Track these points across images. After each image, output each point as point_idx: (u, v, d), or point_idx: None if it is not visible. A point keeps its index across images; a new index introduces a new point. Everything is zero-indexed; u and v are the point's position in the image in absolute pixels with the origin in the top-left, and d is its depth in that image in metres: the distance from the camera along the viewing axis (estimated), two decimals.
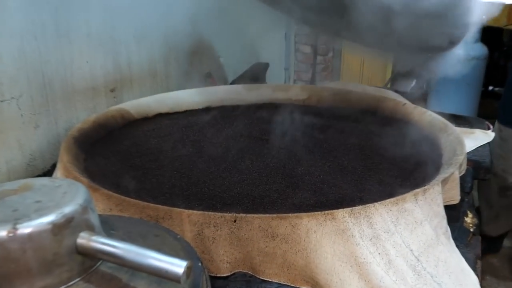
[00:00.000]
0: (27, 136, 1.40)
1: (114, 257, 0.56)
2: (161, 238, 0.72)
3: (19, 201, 0.58)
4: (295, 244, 0.87)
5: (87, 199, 0.60)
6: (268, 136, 1.48)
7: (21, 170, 1.39)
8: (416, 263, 0.88)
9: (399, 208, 0.91)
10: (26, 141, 1.40)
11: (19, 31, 1.32)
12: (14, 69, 1.32)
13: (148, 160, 1.29)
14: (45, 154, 1.48)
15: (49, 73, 1.45)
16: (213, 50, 2.59)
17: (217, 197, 1.07)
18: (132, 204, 0.92)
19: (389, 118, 1.64)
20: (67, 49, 1.52)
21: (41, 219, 0.54)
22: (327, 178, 1.17)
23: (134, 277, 0.60)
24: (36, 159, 1.45)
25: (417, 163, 1.26)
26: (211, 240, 0.89)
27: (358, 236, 0.86)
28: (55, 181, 0.64)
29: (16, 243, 0.52)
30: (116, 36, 1.75)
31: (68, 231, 0.56)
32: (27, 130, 1.40)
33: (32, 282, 0.54)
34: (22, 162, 1.40)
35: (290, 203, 1.04)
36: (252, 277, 0.91)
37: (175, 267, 0.53)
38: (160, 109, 1.72)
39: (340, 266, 0.86)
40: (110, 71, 1.75)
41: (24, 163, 1.40)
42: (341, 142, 1.41)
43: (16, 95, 1.34)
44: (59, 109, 1.52)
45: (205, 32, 2.46)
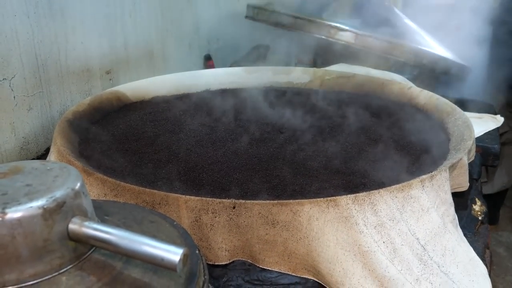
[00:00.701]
0: (20, 119, 1.39)
1: (107, 244, 0.55)
2: (157, 224, 0.71)
3: (8, 184, 0.57)
4: (297, 231, 0.86)
5: (80, 183, 0.58)
6: (268, 120, 1.46)
7: (14, 154, 1.38)
8: (422, 252, 0.87)
9: (405, 194, 0.90)
10: (19, 124, 1.38)
11: (10, 9, 1.30)
12: (6, 49, 1.30)
13: (144, 144, 1.28)
14: (39, 137, 1.47)
15: (42, 53, 1.43)
16: (212, 32, 2.57)
17: (216, 183, 1.06)
18: (127, 189, 0.91)
19: (394, 102, 1.62)
20: (61, 28, 1.50)
21: (31, 203, 0.52)
22: (329, 164, 1.16)
23: (129, 265, 0.59)
24: (29, 142, 1.43)
25: (423, 148, 1.24)
26: (209, 227, 0.88)
27: (362, 223, 0.85)
28: (46, 164, 0.63)
29: (4, 228, 0.51)
30: (112, 15, 1.73)
31: (60, 216, 0.54)
32: (20, 112, 1.38)
33: (21, 269, 0.53)
34: (15, 145, 1.38)
35: (291, 189, 1.03)
36: (251, 265, 0.90)
37: (172, 254, 0.52)
38: (158, 92, 1.71)
39: (343, 255, 0.85)
40: (106, 52, 1.74)
41: (18, 146, 1.39)
42: (344, 126, 1.40)
43: (8, 76, 1.32)
44: (53, 91, 1.50)
45: (204, 14, 2.44)
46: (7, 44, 1.30)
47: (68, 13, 1.52)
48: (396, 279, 0.82)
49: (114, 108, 1.54)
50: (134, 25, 1.87)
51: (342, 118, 1.45)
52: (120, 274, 0.57)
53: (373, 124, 1.43)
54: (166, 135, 1.34)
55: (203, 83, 1.82)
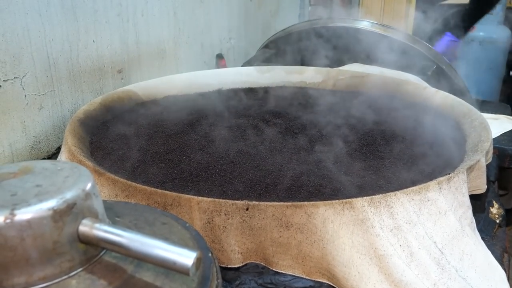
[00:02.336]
0: (31, 118, 1.38)
1: (118, 247, 0.53)
2: (169, 226, 0.70)
3: (18, 185, 0.56)
4: (311, 234, 0.85)
5: (91, 184, 0.57)
6: (282, 120, 1.45)
7: (25, 153, 1.38)
8: (440, 256, 0.85)
9: (422, 197, 0.88)
10: (30, 123, 1.38)
11: (22, 7, 1.29)
12: (17, 48, 1.30)
13: (156, 144, 1.27)
14: (50, 136, 1.46)
15: (54, 52, 1.43)
16: (224, 31, 2.57)
17: (228, 184, 1.05)
18: (139, 189, 0.90)
19: (409, 102, 1.60)
20: (73, 27, 1.49)
21: (41, 204, 0.51)
22: (344, 165, 1.14)
23: (140, 268, 0.57)
24: (40, 142, 1.43)
25: (440, 149, 1.22)
26: (222, 229, 0.86)
27: (378, 226, 0.83)
28: (57, 164, 0.61)
29: (13, 230, 0.50)
30: (124, 13, 1.72)
31: (70, 217, 0.53)
32: (31, 111, 1.38)
33: (31, 272, 0.52)
34: (26, 144, 1.38)
35: (305, 190, 1.02)
36: (264, 268, 0.89)
37: (184, 258, 0.51)
38: (169, 91, 1.70)
39: (358, 259, 0.83)
40: (118, 51, 1.73)
41: (28, 145, 1.39)
42: (359, 127, 1.38)
43: (20, 75, 1.32)
44: (64, 90, 1.50)
45: (216, 13, 2.44)
46: (19, 42, 1.30)
47: (80, 12, 1.51)
48: (413, 283, 0.80)
49: (126, 107, 1.53)
50: (146, 24, 1.86)
51: (357, 118, 1.44)
52: (131, 278, 0.56)
53: (388, 124, 1.41)
54: (178, 135, 1.33)
55: (215, 83, 1.81)
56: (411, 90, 1.66)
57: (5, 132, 1.30)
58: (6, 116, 1.29)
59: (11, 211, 0.50)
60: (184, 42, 2.17)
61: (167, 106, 1.59)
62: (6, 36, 1.25)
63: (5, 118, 1.29)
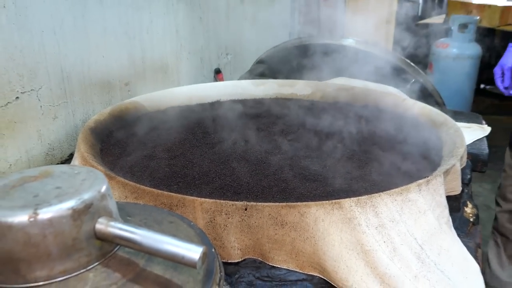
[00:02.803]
0: (46, 127, 1.38)
1: (131, 243, 0.54)
2: (175, 224, 0.70)
3: (39, 187, 0.56)
4: (304, 232, 0.85)
5: (106, 186, 0.58)
6: (275, 129, 1.46)
7: (40, 159, 1.38)
8: (420, 251, 0.86)
9: (403, 198, 0.89)
10: (45, 132, 1.38)
11: (39, 26, 1.29)
12: (34, 62, 1.30)
13: (161, 151, 1.27)
14: (63, 144, 1.46)
15: (67, 66, 1.43)
16: (221, 47, 2.57)
17: (228, 187, 1.05)
18: (146, 192, 0.91)
19: (390, 113, 1.61)
20: (84, 43, 1.49)
21: (61, 204, 0.52)
22: (333, 170, 1.15)
23: (151, 262, 0.58)
24: (54, 149, 1.43)
25: (419, 155, 1.23)
26: (223, 228, 0.87)
27: (364, 224, 0.84)
28: (74, 168, 0.62)
29: (36, 228, 0.50)
30: (131, 31, 1.73)
31: (87, 216, 0.54)
32: (46, 121, 1.38)
33: (52, 266, 0.52)
34: (41, 151, 1.38)
35: (298, 192, 1.02)
36: (261, 263, 0.89)
37: (192, 252, 0.51)
38: (172, 103, 1.70)
39: (347, 254, 0.84)
40: (125, 66, 1.73)
41: (43, 152, 1.39)
42: (345, 135, 1.38)
43: (36, 87, 1.32)
44: (76, 101, 1.50)
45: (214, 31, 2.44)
46: (35, 57, 1.30)
47: (91, 30, 1.51)
48: (396, 276, 0.81)
49: (132, 117, 1.53)
50: (151, 41, 1.87)
51: (343, 127, 1.44)
52: (143, 271, 0.56)
53: (372, 133, 1.42)
54: (181, 142, 1.33)
55: (214, 95, 1.81)
56: (392, 101, 1.67)
57: (22, 140, 1.30)
58: (23, 125, 1.29)
59: (34, 210, 0.51)
60: (185, 58, 2.17)
61: (171, 116, 1.59)
62: (23, 52, 1.25)
63: (22, 127, 1.29)
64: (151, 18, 1.84)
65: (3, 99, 1.21)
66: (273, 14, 3.30)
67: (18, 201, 0.53)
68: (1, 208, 0.51)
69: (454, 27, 3.97)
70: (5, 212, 0.50)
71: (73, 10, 1.42)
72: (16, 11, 1.21)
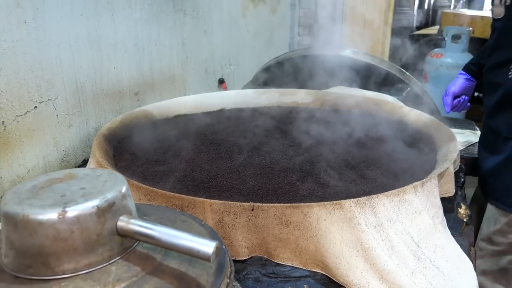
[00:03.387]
0: (62, 134, 1.41)
1: (151, 238, 0.57)
2: (188, 223, 0.73)
3: (66, 188, 0.59)
4: (307, 231, 0.88)
5: (126, 187, 0.61)
6: (279, 135, 1.48)
7: (56, 165, 1.41)
8: (416, 248, 0.88)
9: (400, 199, 0.92)
10: (60, 139, 1.41)
11: (55, 40, 1.33)
12: (51, 74, 1.33)
13: (170, 156, 1.30)
14: (77, 150, 1.49)
15: (81, 77, 1.47)
16: (225, 58, 2.61)
17: (235, 189, 1.08)
18: (159, 194, 0.93)
19: (387, 119, 1.64)
20: (97, 56, 1.53)
21: (86, 203, 0.55)
22: (333, 173, 1.17)
23: (167, 257, 0.61)
24: (69, 155, 1.46)
25: (415, 159, 1.26)
26: (231, 227, 0.90)
27: (363, 223, 0.87)
28: (96, 171, 0.65)
29: (65, 225, 0.53)
30: (140, 44, 1.76)
31: (110, 214, 0.57)
32: (62, 128, 1.41)
33: (78, 260, 0.55)
34: (57, 157, 1.41)
35: (301, 194, 1.05)
36: (267, 260, 0.92)
37: (206, 247, 0.54)
38: (179, 111, 1.74)
39: (347, 251, 0.86)
40: (134, 76, 1.77)
41: (59, 158, 1.42)
42: (344, 141, 1.41)
43: (53, 97, 1.35)
44: (89, 110, 1.53)
45: (218, 43, 2.48)
46: (52, 69, 1.33)
47: (103, 43, 1.55)
48: (394, 271, 0.83)
49: (142, 124, 1.56)
50: (159, 53, 1.90)
51: (342, 133, 1.47)
52: (160, 265, 0.59)
53: (369, 138, 1.45)
54: (189, 148, 1.36)
55: (219, 103, 1.84)
56: (388, 109, 1.70)
57: (40, 147, 1.33)
58: (41, 133, 1.32)
59: (62, 209, 0.54)
60: (191, 68, 2.21)
61: (178, 124, 1.62)
62: (42, 64, 1.29)
63: (39, 134, 1.32)
64: (159, 31, 1.88)
65: (23, 108, 1.24)
66: (273, 27, 3.35)
67: (47, 200, 0.56)
68: (32, 206, 0.54)
69: (447, 38, 4.00)
70: (36, 210, 0.53)
71: (87, 25, 1.46)
72: (35, 26, 1.25)
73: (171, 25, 1.98)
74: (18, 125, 1.24)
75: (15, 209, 0.54)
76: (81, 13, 1.42)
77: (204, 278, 0.59)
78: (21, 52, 1.22)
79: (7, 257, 0.56)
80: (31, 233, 0.53)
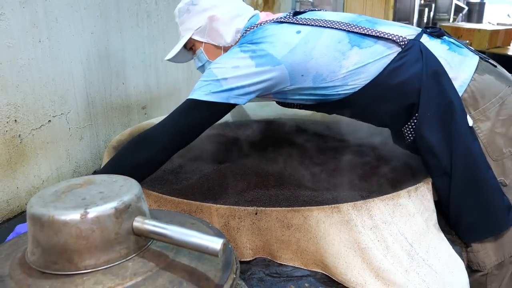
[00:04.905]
0: (74, 147, 1.47)
1: (164, 237, 0.62)
2: (196, 226, 0.78)
3: (86, 192, 0.64)
4: (307, 232, 0.93)
5: (140, 190, 0.66)
6: (280, 144, 1.53)
7: (69, 176, 1.46)
8: (410, 248, 0.93)
9: (394, 202, 0.96)
10: (72, 151, 1.46)
11: (68, 57, 1.39)
12: (64, 89, 1.39)
13: (177, 166, 1.35)
14: (88, 162, 1.55)
15: (92, 92, 1.52)
16: None
17: (239, 196, 1.13)
18: (168, 200, 0.98)
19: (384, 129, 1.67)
20: (107, 72, 1.59)
21: (106, 205, 0.60)
22: (332, 180, 1.22)
23: (179, 254, 0.65)
24: (80, 166, 1.51)
25: (409, 165, 1.30)
26: (236, 230, 0.94)
27: (360, 225, 0.91)
28: (112, 177, 0.70)
29: (86, 224, 0.58)
30: (147, 60, 1.82)
31: (127, 215, 0.62)
32: (74, 141, 1.47)
33: (98, 257, 0.60)
34: (69, 169, 1.46)
35: (301, 200, 1.10)
36: (271, 261, 0.96)
37: (214, 244, 0.59)
38: None
39: (345, 251, 0.91)
40: (142, 91, 1.82)
41: (71, 170, 1.47)
42: (343, 148, 1.45)
43: (65, 112, 1.41)
44: (99, 124, 1.59)
45: None
46: (65, 85, 1.39)
47: (113, 60, 1.61)
48: (389, 270, 0.88)
49: None
50: (165, 69, 1.96)
51: (340, 141, 1.52)
52: (172, 261, 0.64)
53: (366, 146, 1.49)
54: (194, 158, 1.41)
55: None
56: None
57: (53, 159, 1.38)
58: (54, 145, 1.38)
59: (84, 210, 0.59)
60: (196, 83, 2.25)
61: None
62: (55, 80, 1.35)
63: (53, 147, 1.37)
64: (165, 47, 1.94)
65: (38, 122, 1.30)
66: None
67: (70, 203, 0.61)
68: (57, 208, 0.59)
69: None
70: (61, 212, 0.58)
71: (97, 43, 1.52)
72: (49, 45, 1.31)
73: (176, 42, 2.03)
74: (33, 138, 1.30)
75: (41, 211, 0.59)
76: (92, 32, 1.49)
77: (212, 273, 0.64)
78: (36, 69, 1.28)
79: (33, 255, 0.61)
80: (56, 232, 0.58)
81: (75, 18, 1.40)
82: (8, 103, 1.20)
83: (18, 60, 1.22)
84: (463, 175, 1.05)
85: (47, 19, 1.29)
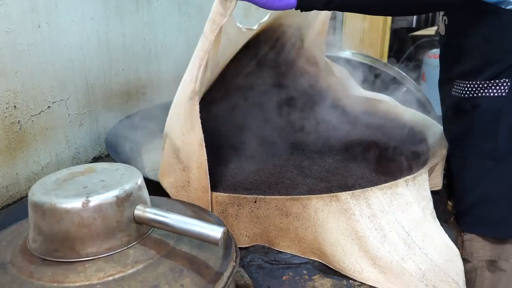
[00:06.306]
0: (73, 133, 1.47)
1: (165, 225, 0.62)
2: (196, 213, 0.79)
3: (87, 180, 0.65)
4: (305, 221, 0.93)
5: (141, 179, 0.66)
6: (279, 133, 1.53)
7: (68, 162, 1.46)
8: (406, 237, 0.94)
9: (392, 191, 0.97)
10: (72, 137, 1.47)
11: (67, 43, 1.39)
12: (63, 75, 1.39)
13: None
14: (87, 148, 1.55)
15: (91, 79, 1.52)
16: None
17: (239, 183, 1.13)
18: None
19: (383, 118, 1.68)
20: (106, 58, 1.59)
21: (107, 193, 0.60)
22: (331, 169, 1.23)
23: (179, 242, 0.66)
24: (80, 152, 1.52)
25: (407, 154, 1.31)
26: (234, 217, 0.95)
27: (358, 214, 0.92)
28: (113, 165, 0.71)
29: (88, 212, 0.59)
30: (147, 46, 1.82)
31: (128, 203, 0.62)
32: (73, 127, 1.47)
33: (100, 244, 0.60)
34: (69, 155, 1.46)
35: (300, 188, 1.10)
36: (269, 249, 0.97)
37: (215, 232, 0.60)
38: None
39: (343, 239, 0.92)
40: (142, 77, 1.82)
41: (70, 156, 1.47)
42: (341, 138, 1.46)
43: (65, 98, 1.41)
44: (99, 110, 1.59)
45: None
46: (64, 71, 1.39)
47: (112, 46, 1.61)
48: (386, 258, 0.89)
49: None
50: (165, 54, 1.95)
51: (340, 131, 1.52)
52: (173, 249, 0.65)
53: (366, 135, 1.50)
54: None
55: None
56: (385, 108, 1.75)
57: (53, 145, 1.39)
58: (54, 132, 1.38)
59: (86, 198, 0.59)
60: None
61: None
62: (55, 66, 1.34)
63: (53, 133, 1.38)
64: (165, 34, 1.93)
65: (37, 108, 1.30)
66: None
67: (71, 191, 0.61)
68: (58, 196, 0.60)
69: None
70: (62, 200, 0.59)
71: (97, 29, 1.51)
72: (49, 30, 1.30)
73: (176, 28, 2.03)
74: (33, 124, 1.30)
75: (43, 199, 0.60)
76: (92, 17, 1.48)
77: (212, 261, 0.65)
78: (36, 54, 1.27)
79: (35, 242, 0.62)
80: (58, 220, 0.59)
81: (74, 3, 1.39)
82: (8, 89, 1.19)
83: (17, 46, 1.21)
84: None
85: (46, 4, 1.28)
